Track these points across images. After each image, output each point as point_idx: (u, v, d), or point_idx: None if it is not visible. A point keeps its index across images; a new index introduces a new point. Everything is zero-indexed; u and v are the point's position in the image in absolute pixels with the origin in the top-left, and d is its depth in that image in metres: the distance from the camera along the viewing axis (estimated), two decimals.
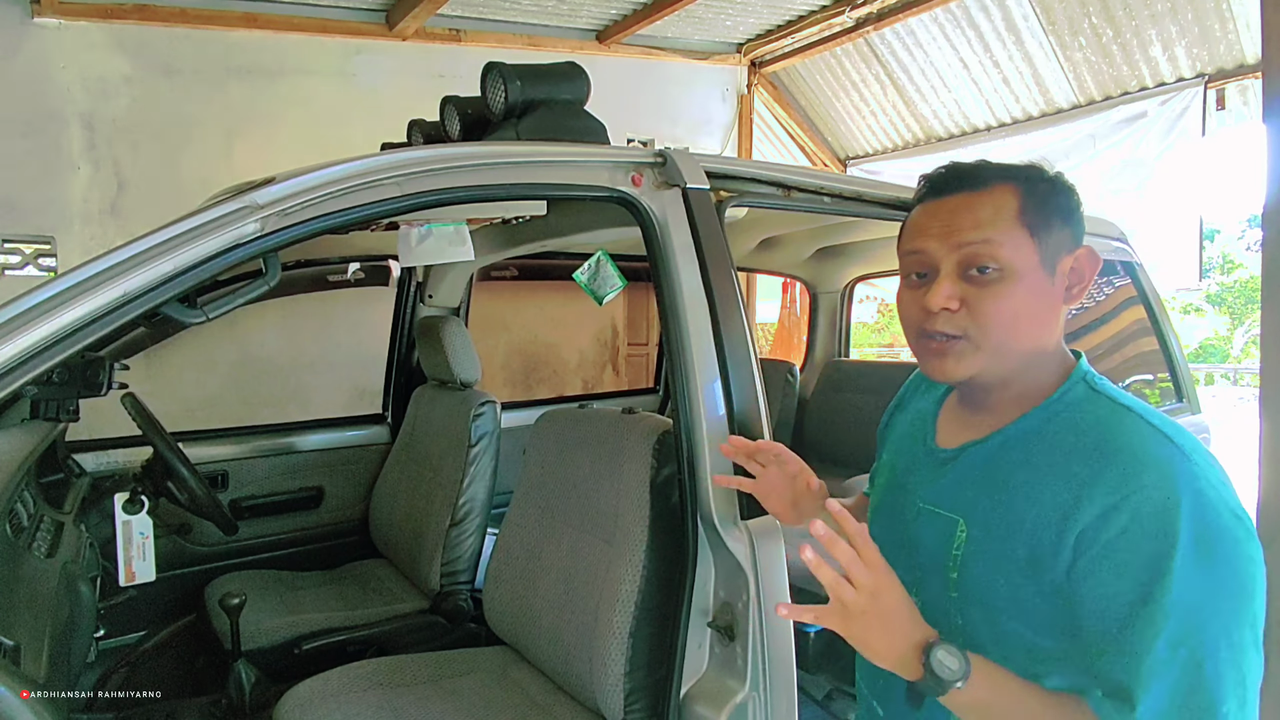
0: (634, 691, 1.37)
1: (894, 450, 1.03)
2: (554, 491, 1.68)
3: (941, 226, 0.82)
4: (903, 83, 4.76)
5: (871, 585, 0.74)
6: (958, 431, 0.91)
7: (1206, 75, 3.81)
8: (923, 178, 0.89)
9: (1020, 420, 0.84)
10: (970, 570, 0.82)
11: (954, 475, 0.88)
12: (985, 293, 0.79)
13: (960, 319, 0.80)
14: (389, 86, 3.64)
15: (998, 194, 0.81)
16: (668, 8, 3.82)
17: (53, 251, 1.72)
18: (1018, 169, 0.83)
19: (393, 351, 2.74)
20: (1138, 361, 2.31)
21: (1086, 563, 0.72)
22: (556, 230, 1.94)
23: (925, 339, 0.83)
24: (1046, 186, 0.82)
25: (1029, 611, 0.78)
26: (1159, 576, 0.68)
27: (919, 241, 0.84)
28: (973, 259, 0.80)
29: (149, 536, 1.81)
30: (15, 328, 0.88)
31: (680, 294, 1.31)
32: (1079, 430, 0.78)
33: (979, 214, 0.80)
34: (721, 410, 1.29)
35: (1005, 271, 0.79)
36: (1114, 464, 0.73)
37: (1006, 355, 0.81)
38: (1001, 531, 0.80)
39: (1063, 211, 0.82)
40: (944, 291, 0.80)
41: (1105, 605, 0.71)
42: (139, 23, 3.12)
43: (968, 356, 0.81)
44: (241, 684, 1.78)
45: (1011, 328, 0.80)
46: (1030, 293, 0.79)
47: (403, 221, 1.41)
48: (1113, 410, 0.79)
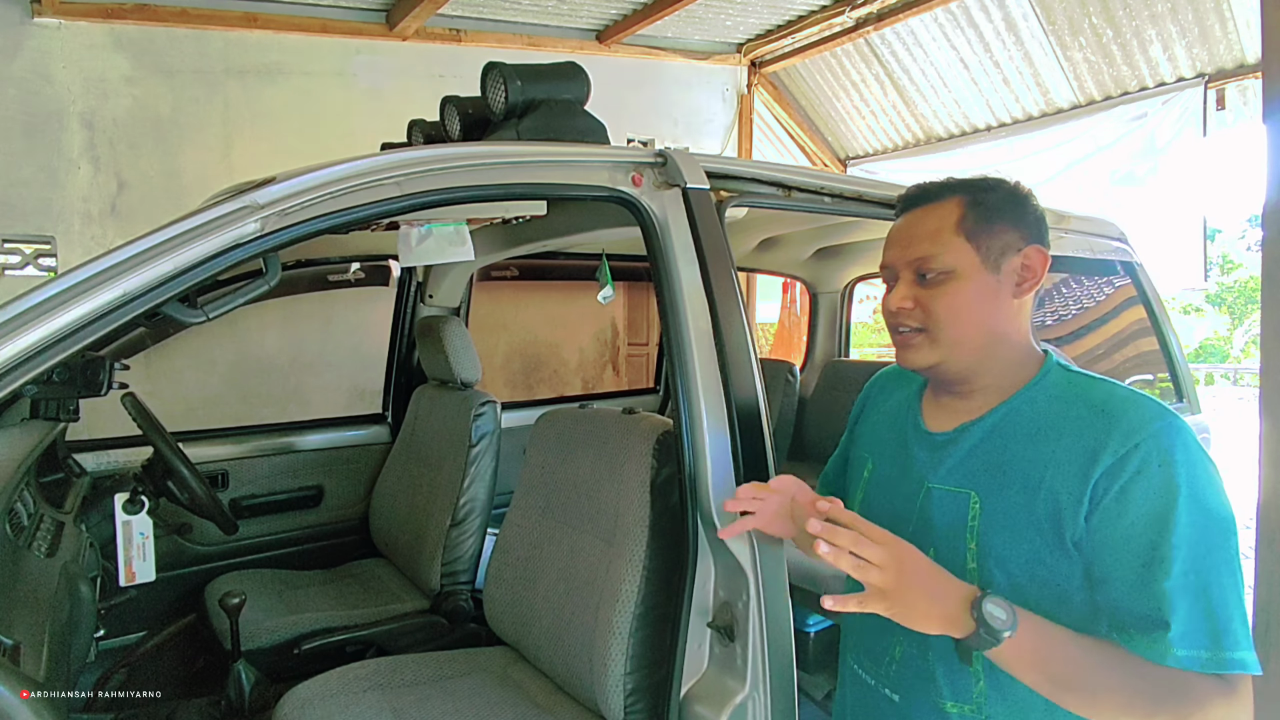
0: (634, 691, 1.37)
1: (871, 443, 1.11)
2: (554, 491, 1.68)
3: (901, 240, 0.97)
4: (903, 83, 4.76)
5: (889, 557, 0.80)
6: (948, 417, 1.00)
7: (1206, 75, 3.80)
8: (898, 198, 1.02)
9: (1011, 400, 0.94)
10: (989, 538, 0.89)
11: (957, 454, 0.96)
12: (932, 293, 0.93)
13: (916, 315, 0.94)
14: (389, 86, 3.64)
15: (944, 208, 0.95)
16: (668, 8, 3.82)
17: (53, 251, 1.72)
18: (969, 182, 0.96)
19: (393, 351, 2.74)
20: (1138, 361, 2.31)
21: (1104, 509, 0.82)
22: (556, 230, 1.94)
23: (894, 334, 0.98)
24: (992, 196, 0.94)
25: (1048, 570, 0.86)
26: (1168, 516, 0.79)
27: (887, 255, 0.99)
28: (920, 266, 0.94)
29: (149, 536, 1.81)
30: (15, 328, 0.88)
31: (680, 294, 1.31)
32: (1071, 401, 0.90)
33: (926, 227, 0.95)
34: (722, 410, 1.29)
35: (948, 273, 0.92)
36: (1120, 420, 0.84)
37: (961, 344, 0.93)
38: (1017, 497, 0.88)
39: (1008, 216, 0.94)
40: (899, 294, 0.95)
41: (1124, 547, 0.81)
42: (139, 23, 3.12)
43: (924, 347, 0.94)
44: (241, 684, 1.78)
45: (958, 320, 0.92)
46: (973, 289, 0.92)
47: (403, 221, 1.41)
48: (1096, 382, 0.91)
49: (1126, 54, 3.93)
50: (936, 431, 1.00)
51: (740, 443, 1.28)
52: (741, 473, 1.28)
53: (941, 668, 0.93)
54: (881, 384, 1.18)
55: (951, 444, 0.97)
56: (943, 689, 0.93)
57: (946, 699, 0.93)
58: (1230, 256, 15.24)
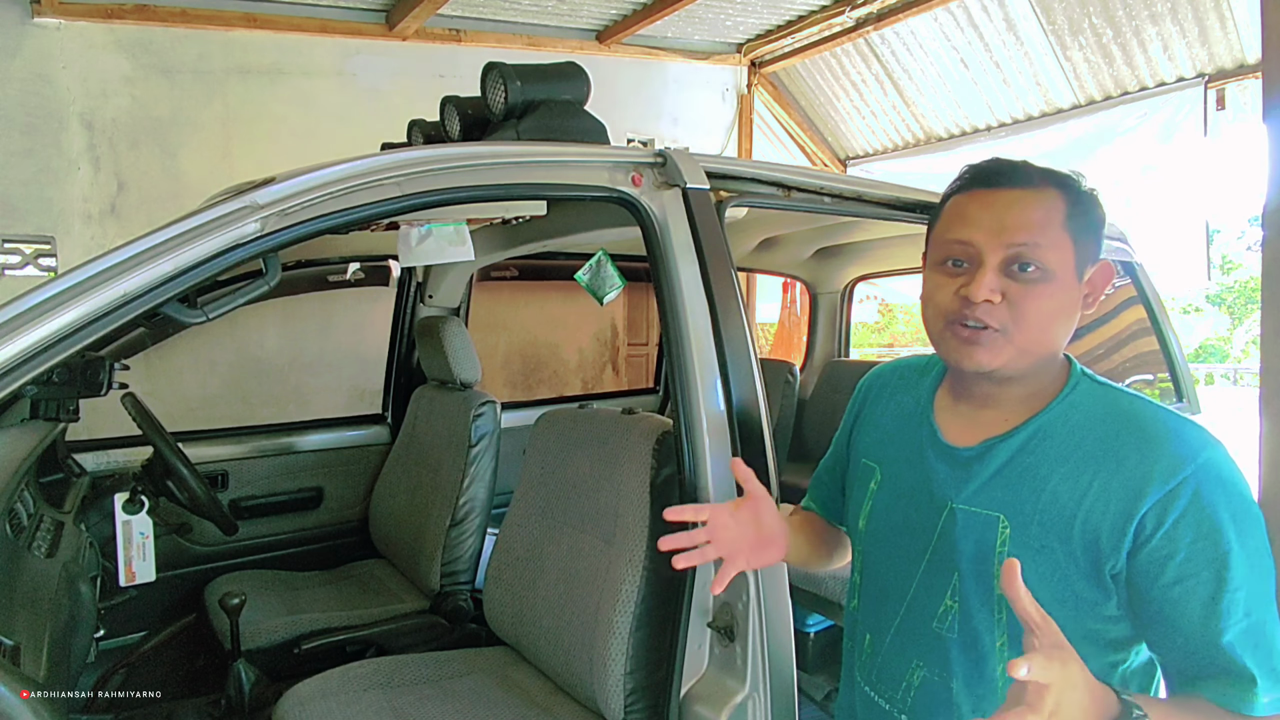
0: (634, 692, 1.37)
1: (878, 450, 1.02)
2: (554, 492, 1.68)
3: (993, 220, 0.83)
4: (903, 83, 4.76)
5: (1060, 681, 0.65)
6: (969, 430, 0.91)
7: (1206, 75, 3.80)
8: (969, 166, 0.89)
9: (1041, 415, 0.86)
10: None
11: (984, 473, 0.88)
12: (1026, 291, 0.81)
13: (1000, 312, 0.82)
14: (389, 86, 3.64)
15: (1047, 196, 0.83)
16: (668, 8, 3.82)
17: (53, 251, 1.72)
18: (1063, 175, 0.86)
19: (393, 352, 2.74)
20: (1138, 361, 2.31)
21: (1152, 547, 0.77)
22: (556, 230, 1.94)
23: (957, 326, 0.84)
24: (1087, 197, 0.85)
25: (1079, 599, 0.81)
26: (1225, 558, 0.74)
27: (967, 231, 0.85)
28: (1019, 257, 0.82)
29: (149, 536, 1.81)
30: (15, 328, 0.88)
31: (680, 294, 1.31)
32: (1108, 422, 0.82)
33: (1031, 214, 0.82)
34: (721, 410, 1.29)
35: (1046, 273, 0.81)
36: (1164, 449, 0.78)
37: (1031, 352, 0.83)
38: (1052, 522, 0.81)
39: (1095, 224, 0.85)
40: (988, 284, 0.82)
41: (1184, 591, 0.76)
42: (139, 23, 3.12)
43: (1000, 347, 0.83)
44: (241, 684, 1.78)
45: (1045, 327, 0.82)
46: (1063, 296, 0.83)
47: (403, 221, 1.41)
48: (1131, 400, 0.84)
49: (1126, 54, 3.93)
50: (959, 446, 0.91)
51: (740, 443, 1.28)
52: None
53: (964, 694, 0.88)
54: (881, 383, 1.08)
55: (977, 461, 0.88)
56: (964, 715, 0.88)
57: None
58: (1230, 257, 15.24)
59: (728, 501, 0.98)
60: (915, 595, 0.93)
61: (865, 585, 1.03)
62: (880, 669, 0.98)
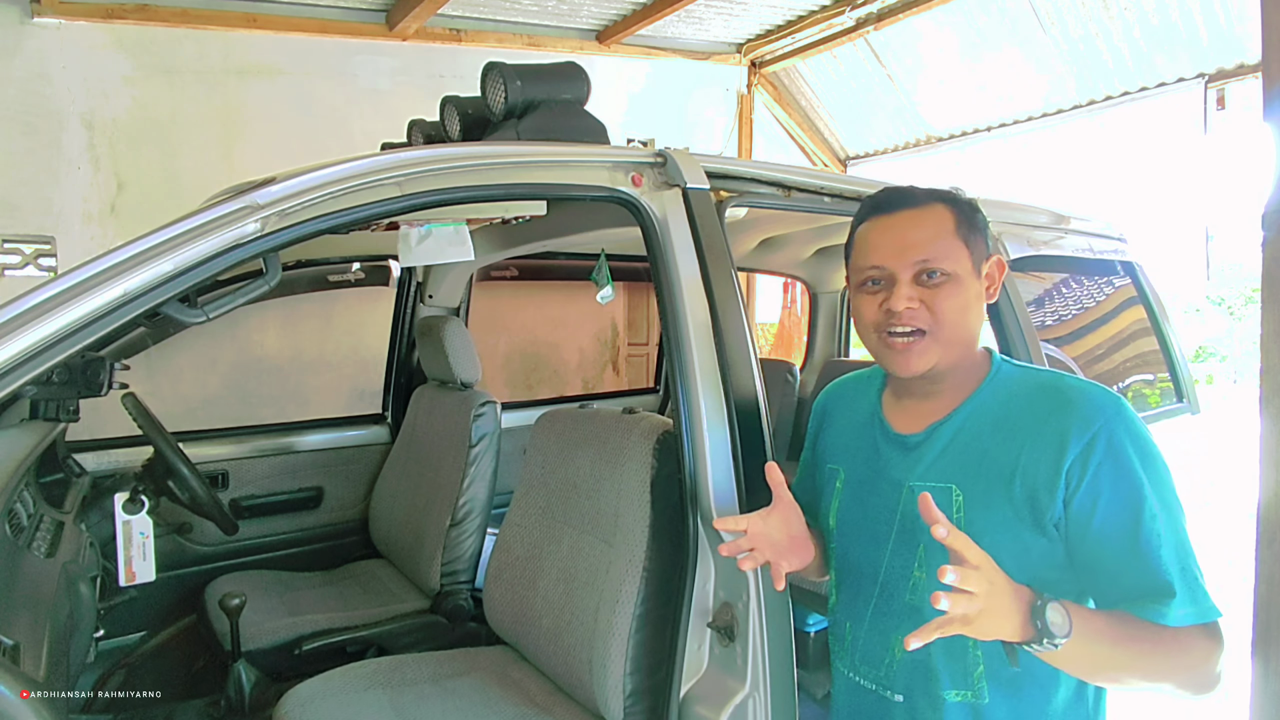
0: (634, 692, 1.37)
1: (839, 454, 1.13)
2: (554, 491, 1.68)
3: (895, 241, 0.98)
4: (903, 83, 4.76)
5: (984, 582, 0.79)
6: (914, 420, 1.04)
7: (1206, 75, 3.80)
8: (866, 199, 1.05)
9: (973, 396, 1.00)
10: (974, 527, 0.91)
11: (931, 452, 1.00)
12: (937, 293, 0.96)
13: (921, 315, 0.96)
14: (389, 86, 3.64)
15: (935, 212, 0.99)
16: (668, 8, 3.82)
17: (53, 251, 1.72)
18: (944, 192, 1.02)
19: (393, 351, 2.74)
20: (1138, 361, 2.31)
21: (1081, 493, 0.89)
22: (556, 230, 1.94)
23: (889, 338, 0.98)
24: (969, 206, 1.01)
25: (1031, 551, 0.92)
26: (1140, 494, 0.87)
27: (877, 256, 0.99)
28: (925, 267, 0.96)
29: (149, 536, 1.81)
30: (15, 328, 0.88)
31: (680, 294, 1.31)
32: (1030, 395, 0.97)
33: (923, 230, 0.97)
34: (722, 410, 1.29)
35: (949, 276, 0.96)
36: (1076, 408, 0.91)
37: (954, 344, 0.97)
38: (995, 484, 0.94)
39: (980, 227, 1.01)
40: (905, 295, 0.96)
41: (1112, 527, 0.88)
42: (139, 23, 3.13)
43: (928, 351, 0.96)
44: (241, 684, 1.78)
45: (958, 320, 0.96)
46: (967, 291, 0.97)
47: (403, 221, 1.41)
48: (1043, 374, 1.01)
49: (1127, 54, 3.93)
50: (907, 434, 1.03)
51: (740, 443, 1.28)
52: (742, 473, 1.28)
53: (942, 660, 0.96)
54: (836, 396, 1.20)
55: (925, 443, 1.01)
56: (943, 679, 0.96)
57: (946, 689, 0.96)
58: (1230, 257, 15.23)
59: (761, 509, 1.04)
60: (886, 574, 1.02)
61: (840, 578, 1.11)
62: (863, 653, 1.05)
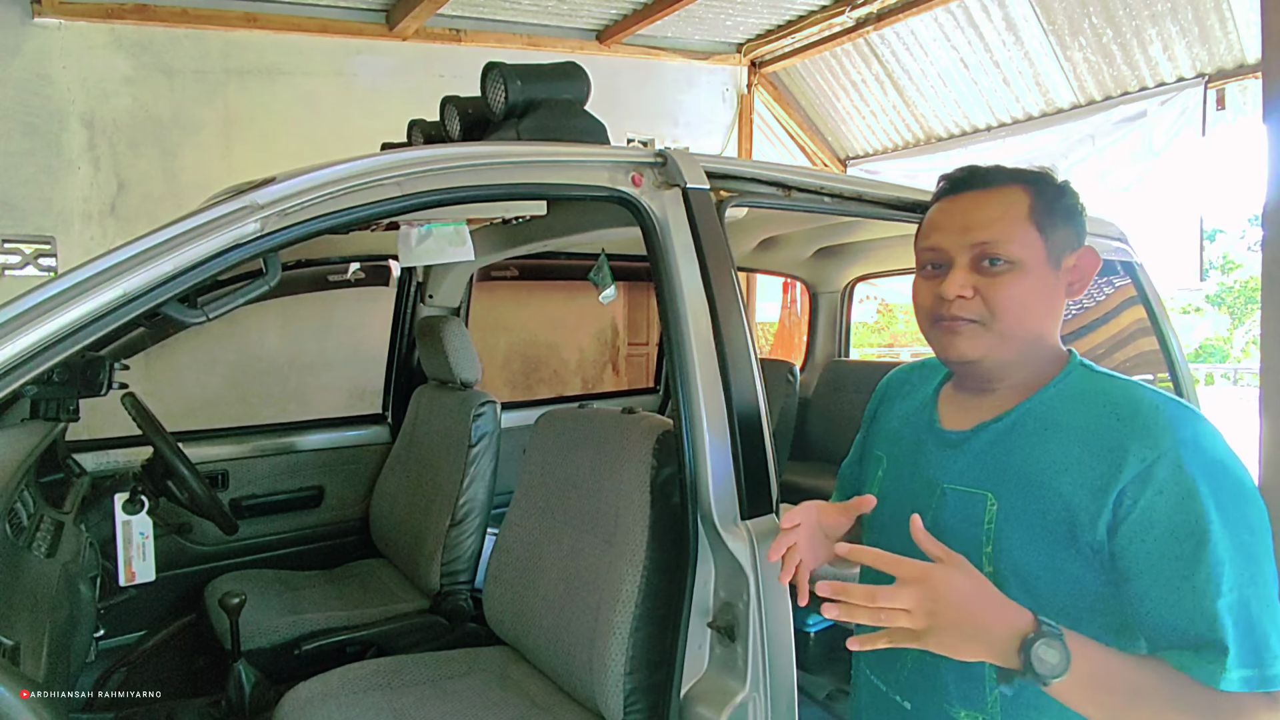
0: (634, 692, 1.37)
1: (887, 442, 1.06)
2: (554, 491, 1.68)
3: (955, 223, 0.90)
4: (903, 83, 4.76)
5: (919, 597, 0.73)
6: (966, 416, 0.96)
7: (1206, 75, 3.80)
8: (942, 177, 0.96)
9: (1031, 399, 0.90)
10: (1005, 541, 0.86)
11: (970, 453, 0.92)
12: (995, 282, 0.87)
13: (974, 305, 0.88)
14: (389, 86, 3.64)
15: (1008, 193, 0.89)
16: (668, 8, 3.82)
17: (53, 251, 1.72)
18: (1027, 172, 0.91)
19: (393, 351, 2.74)
20: (1138, 361, 2.31)
21: (1131, 522, 0.78)
22: (556, 230, 1.94)
23: (940, 322, 0.90)
24: (1053, 189, 0.90)
25: (1064, 573, 0.83)
26: (1204, 531, 0.75)
27: (935, 238, 0.92)
28: (985, 253, 0.87)
29: (149, 536, 1.81)
30: (15, 328, 0.88)
31: (680, 294, 1.31)
32: (1091, 403, 0.85)
33: (990, 211, 0.88)
34: (722, 410, 1.29)
35: (1014, 264, 0.86)
36: (1142, 426, 0.80)
37: (1012, 339, 0.88)
38: (1034, 500, 0.85)
39: (1067, 213, 0.90)
40: (958, 281, 0.88)
41: (1161, 563, 0.76)
42: (139, 23, 3.13)
43: (979, 336, 0.88)
44: (241, 684, 1.78)
45: (1019, 314, 0.87)
46: (1036, 284, 0.87)
47: (403, 221, 1.41)
48: (1117, 383, 0.87)
49: (1126, 54, 3.93)
50: (952, 430, 0.96)
51: (740, 443, 1.28)
52: (742, 473, 1.28)
53: (952, 676, 0.91)
54: (900, 381, 1.12)
55: (966, 443, 0.93)
56: (951, 694, 0.91)
57: (955, 706, 0.91)
58: (1230, 256, 15.24)
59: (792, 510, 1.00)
60: None
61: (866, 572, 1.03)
62: (881, 653, 1.00)
